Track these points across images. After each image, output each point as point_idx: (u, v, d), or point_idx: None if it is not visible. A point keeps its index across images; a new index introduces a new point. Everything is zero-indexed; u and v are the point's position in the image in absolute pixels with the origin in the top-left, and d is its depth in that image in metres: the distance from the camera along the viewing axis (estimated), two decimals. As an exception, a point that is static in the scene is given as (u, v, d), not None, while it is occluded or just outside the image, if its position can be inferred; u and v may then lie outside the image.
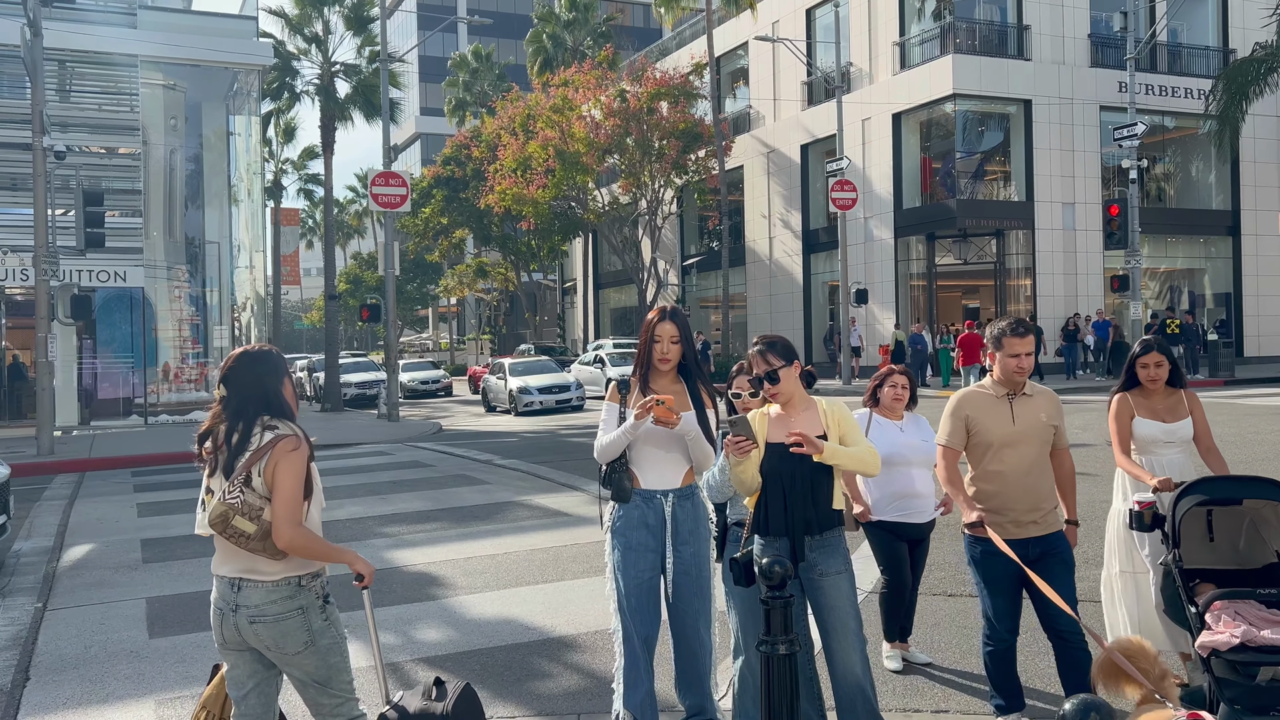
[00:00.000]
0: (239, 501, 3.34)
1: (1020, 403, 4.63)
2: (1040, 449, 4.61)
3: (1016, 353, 4.55)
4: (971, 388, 4.73)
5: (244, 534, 3.33)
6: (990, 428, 4.59)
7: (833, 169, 29.90)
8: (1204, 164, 35.08)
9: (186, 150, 29.88)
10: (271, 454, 3.41)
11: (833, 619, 4.07)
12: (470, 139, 46.17)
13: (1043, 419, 4.61)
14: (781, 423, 4.15)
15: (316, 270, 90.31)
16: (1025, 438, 4.57)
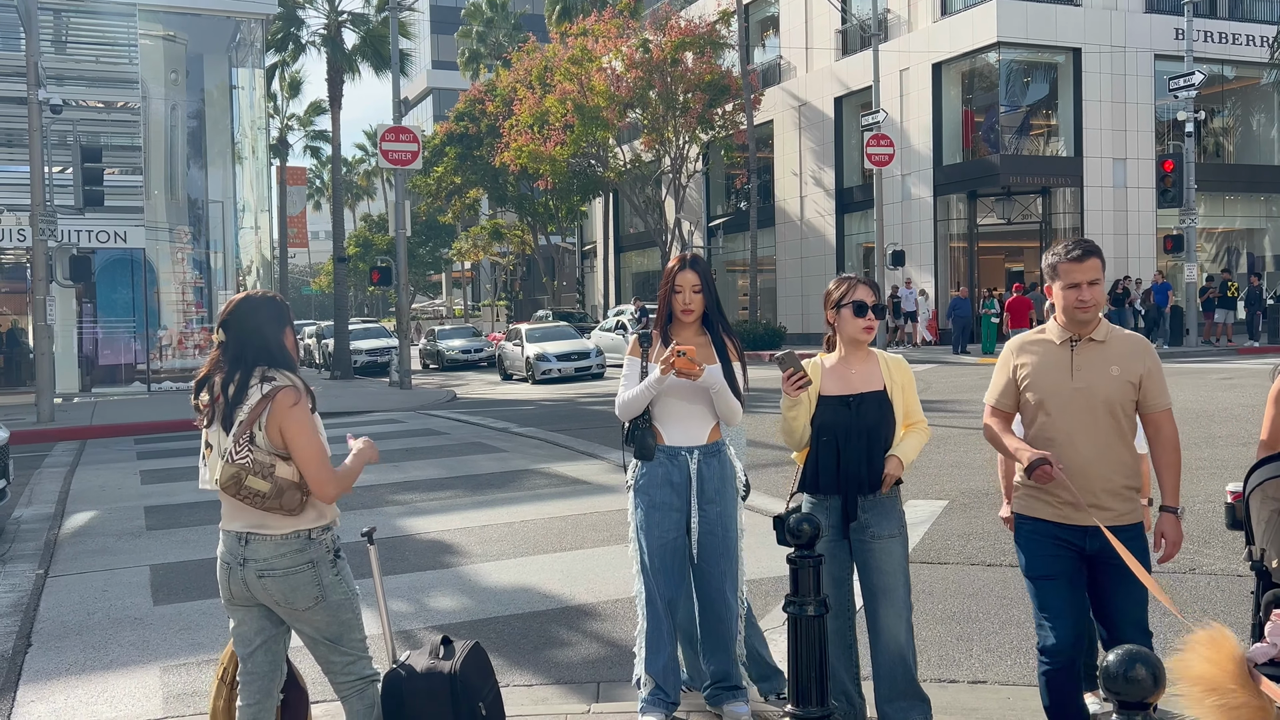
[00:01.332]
0: (249, 461, 3.37)
1: (1086, 351, 3.77)
2: (1108, 413, 3.72)
3: (1076, 281, 3.71)
4: (1031, 332, 3.95)
5: (259, 493, 3.37)
6: (1040, 382, 3.80)
7: (868, 123, 29.64)
8: (1266, 117, 34.54)
9: (188, 105, 29.94)
10: (272, 410, 3.42)
11: (882, 583, 4.07)
12: (484, 93, 46.04)
13: (1114, 373, 3.72)
14: (836, 373, 4.14)
15: (324, 233, 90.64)
16: (1086, 397, 3.72)
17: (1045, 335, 3.88)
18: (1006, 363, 3.92)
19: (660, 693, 4.37)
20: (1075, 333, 3.80)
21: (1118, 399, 3.73)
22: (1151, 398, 3.76)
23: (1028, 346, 3.89)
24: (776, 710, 4.46)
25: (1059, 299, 3.78)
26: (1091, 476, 3.69)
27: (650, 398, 4.28)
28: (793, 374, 3.94)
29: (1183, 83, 25.77)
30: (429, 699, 3.41)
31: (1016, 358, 3.89)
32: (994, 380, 3.96)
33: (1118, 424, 3.74)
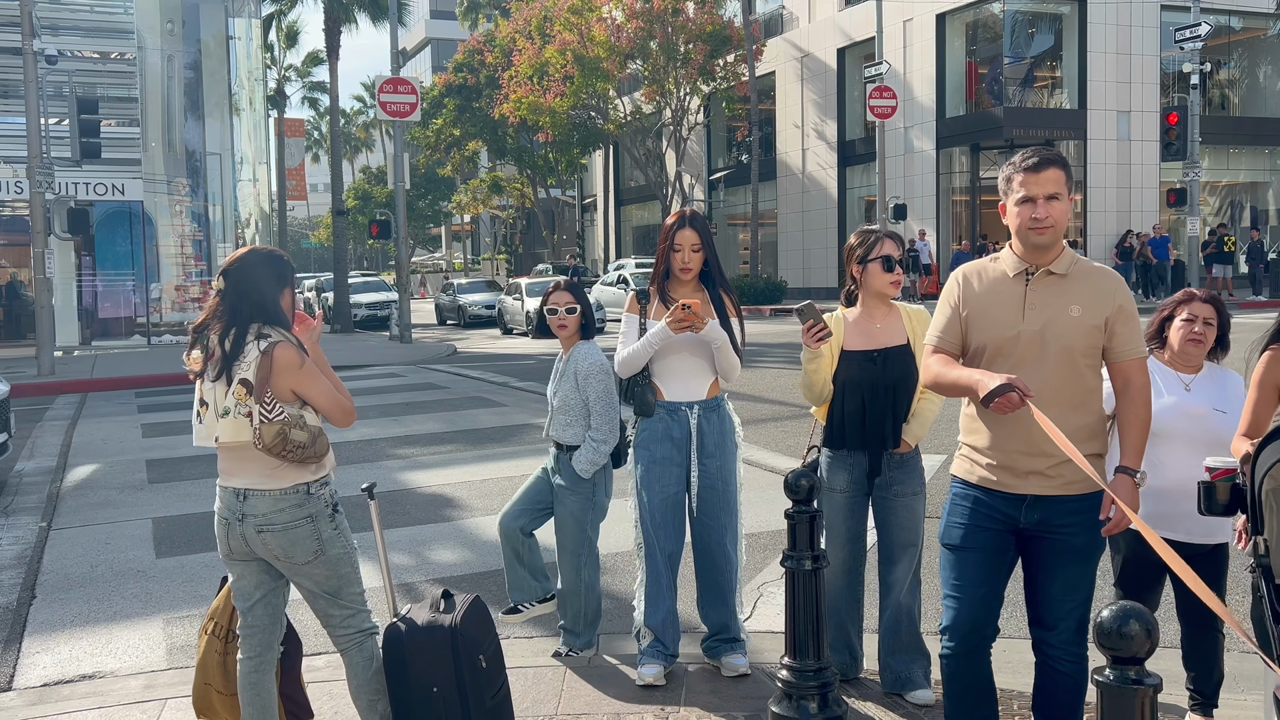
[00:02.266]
0: (288, 415, 3.41)
1: (1042, 286, 3.18)
2: (1065, 361, 3.15)
3: (1031, 195, 3.11)
4: (983, 260, 3.36)
5: (300, 445, 3.41)
6: (986, 320, 3.22)
7: (871, 74, 29.37)
8: (1273, 68, 34.22)
9: (184, 56, 29.69)
10: (276, 369, 3.42)
11: (901, 539, 4.12)
12: (484, 44, 45.61)
13: (1074, 313, 3.13)
14: (860, 328, 4.12)
15: (323, 185, 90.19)
16: (1039, 341, 3.15)
17: (998, 264, 3.30)
18: (951, 294, 3.32)
19: (659, 644, 4.42)
20: (1031, 262, 3.19)
21: (1078, 345, 3.14)
22: (1121, 343, 3.18)
23: (976, 276, 3.30)
24: (775, 664, 4.51)
25: (1012, 219, 3.18)
26: (1041, 438, 3.04)
27: (651, 354, 4.28)
28: (812, 325, 3.91)
29: (1189, 34, 25.49)
30: (430, 652, 3.44)
31: (962, 289, 3.30)
32: (935, 316, 3.38)
33: (1077, 375, 3.16)
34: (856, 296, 4.19)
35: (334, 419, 3.54)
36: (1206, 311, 3.95)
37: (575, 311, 4.63)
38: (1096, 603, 3.15)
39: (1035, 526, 3.18)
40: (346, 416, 3.57)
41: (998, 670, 3.49)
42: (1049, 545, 3.19)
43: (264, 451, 3.40)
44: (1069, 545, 3.17)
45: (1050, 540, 3.18)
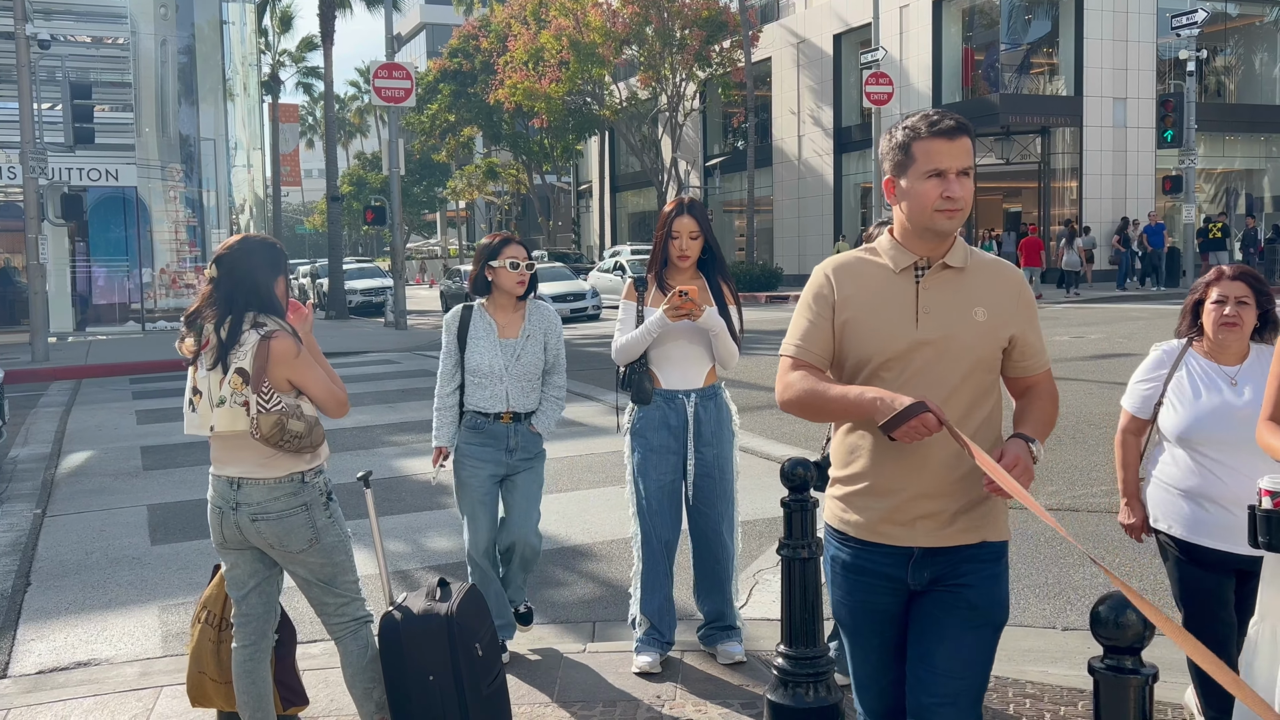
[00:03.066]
0: (284, 405, 3.39)
1: (938, 283, 2.56)
2: (971, 378, 2.55)
3: (941, 168, 2.46)
4: (852, 252, 2.72)
5: (298, 434, 3.40)
6: (870, 328, 2.56)
7: (868, 60, 29.30)
8: (1269, 55, 34.18)
9: (178, 41, 29.52)
10: (273, 359, 3.40)
11: None
12: (479, 29, 45.43)
13: (978, 317, 2.54)
14: None
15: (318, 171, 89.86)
16: (939, 354, 2.52)
17: (876, 258, 2.62)
18: (818, 295, 2.61)
19: (655, 633, 4.42)
20: (923, 254, 2.56)
21: (985, 356, 2.55)
22: (1027, 355, 2.61)
23: (849, 273, 2.62)
24: (770, 651, 4.51)
25: (914, 198, 2.50)
26: (938, 472, 2.50)
27: (649, 342, 4.27)
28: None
29: (1185, 20, 25.46)
30: (426, 640, 3.44)
31: (835, 288, 2.59)
32: (795, 320, 2.66)
33: (983, 392, 2.57)
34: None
35: (328, 409, 3.52)
36: (1239, 290, 3.43)
37: (533, 268, 4.47)
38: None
39: (927, 586, 2.55)
40: (340, 407, 3.55)
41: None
42: (943, 606, 2.54)
43: (261, 441, 3.39)
44: (968, 605, 2.51)
45: (944, 600, 2.54)
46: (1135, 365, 3.76)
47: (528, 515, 4.54)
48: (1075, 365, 13.15)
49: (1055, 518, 7.19)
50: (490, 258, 4.42)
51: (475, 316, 4.48)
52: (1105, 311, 21.42)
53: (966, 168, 2.48)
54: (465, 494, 4.53)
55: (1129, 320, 19.13)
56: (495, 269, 4.40)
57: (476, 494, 4.50)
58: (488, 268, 4.43)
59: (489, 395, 4.43)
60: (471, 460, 4.49)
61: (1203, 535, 3.40)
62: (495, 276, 4.42)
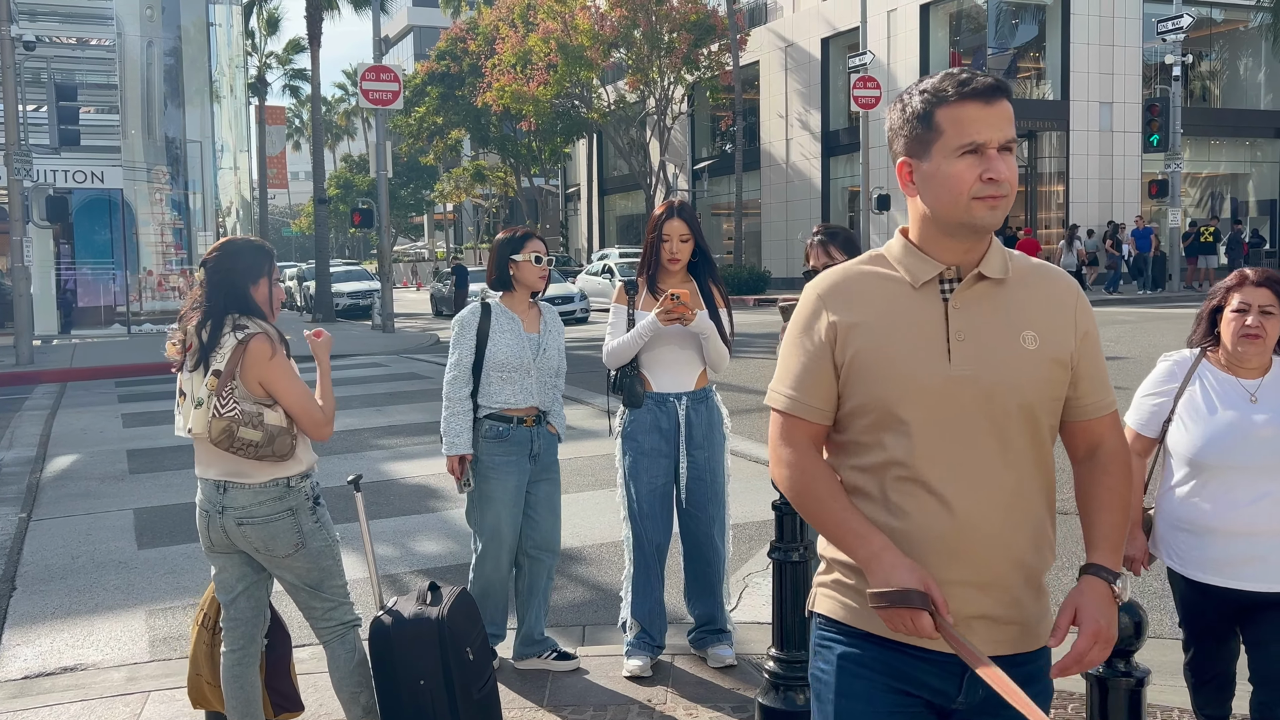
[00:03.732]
0: (238, 413, 3.34)
1: (971, 302, 1.95)
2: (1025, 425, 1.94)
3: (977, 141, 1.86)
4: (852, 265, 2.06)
5: (251, 443, 3.35)
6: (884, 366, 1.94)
7: (855, 64, 29.39)
8: (1253, 61, 34.39)
9: (164, 43, 29.42)
10: (247, 361, 3.37)
11: None
12: (466, 31, 45.43)
13: (1028, 345, 1.93)
14: None
15: (304, 174, 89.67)
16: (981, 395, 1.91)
17: (885, 270, 2.00)
18: (812, 323, 1.99)
19: (646, 636, 4.41)
20: (953, 261, 1.94)
21: (1040, 399, 1.94)
22: (1088, 390, 2.00)
23: (852, 291, 1.99)
24: (761, 655, 4.51)
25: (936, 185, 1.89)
26: (990, 557, 1.91)
27: (640, 345, 4.27)
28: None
29: (1171, 25, 25.60)
30: (416, 644, 3.42)
31: (835, 315, 1.97)
32: (785, 359, 2.04)
33: (1040, 449, 1.97)
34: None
35: (304, 426, 3.45)
36: (1263, 298, 3.03)
37: (553, 262, 4.39)
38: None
39: (980, 706, 1.95)
40: (317, 428, 3.47)
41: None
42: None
43: (214, 446, 3.38)
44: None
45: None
46: (1127, 369, 3.72)
47: (555, 528, 4.49)
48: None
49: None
50: (513, 251, 4.30)
51: (496, 311, 4.34)
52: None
53: (1009, 140, 1.88)
54: (490, 508, 4.32)
55: (1116, 324, 19.20)
56: (518, 263, 4.29)
57: (505, 508, 4.31)
58: (510, 262, 4.31)
59: (516, 390, 4.28)
60: (498, 473, 4.31)
61: (1210, 571, 3.05)
62: (517, 271, 4.31)
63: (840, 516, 1.93)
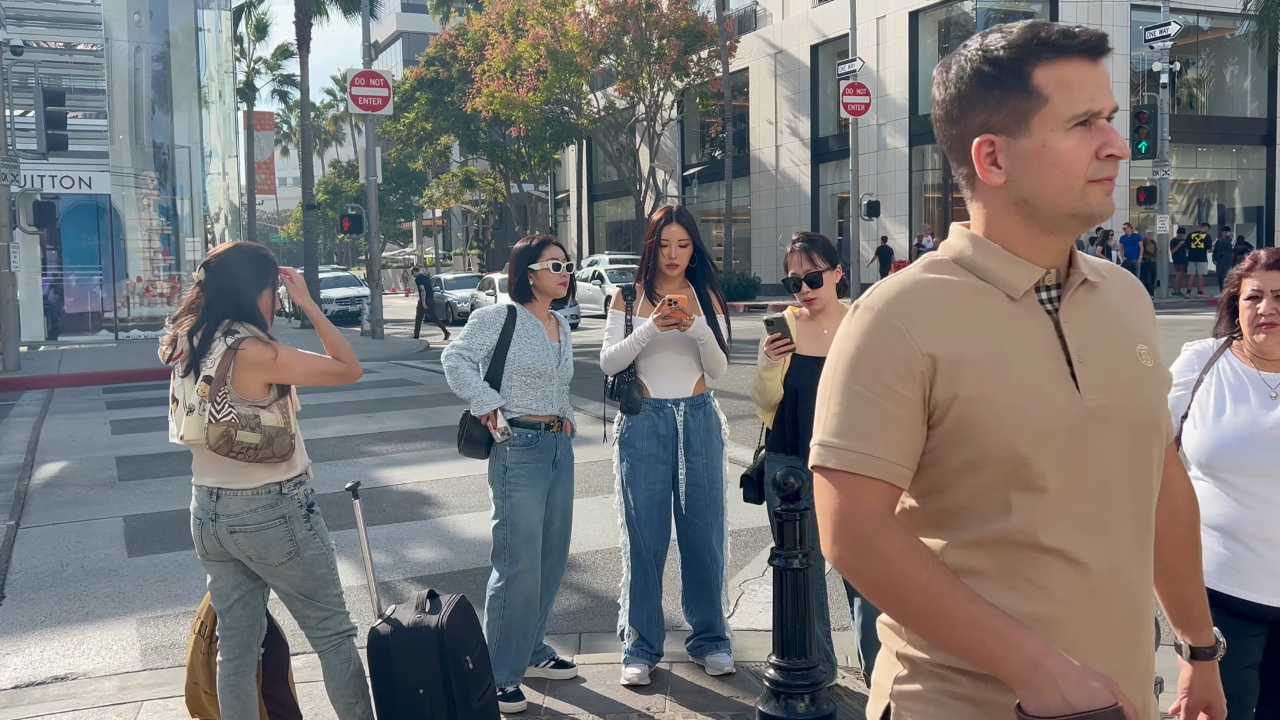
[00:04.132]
0: (234, 416, 3.31)
1: (1081, 309, 1.57)
2: (1155, 468, 1.59)
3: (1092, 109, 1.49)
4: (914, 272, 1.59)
5: (251, 446, 3.32)
6: (1006, 409, 1.47)
7: (845, 71, 29.44)
8: (1239, 68, 34.57)
9: (152, 48, 29.34)
10: (237, 367, 3.34)
11: None
12: (456, 37, 45.38)
13: (1145, 361, 1.59)
14: (811, 331, 4.05)
15: (292, 179, 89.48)
16: (1115, 432, 1.52)
17: (964, 278, 1.56)
18: (886, 359, 1.50)
19: (644, 644, 4.39)
20: (1051, 263, 1.56)
21: (1168, 427, 1.64)
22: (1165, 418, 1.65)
23: (942, 308, 1.53)
24: (759, 662, 4.49)
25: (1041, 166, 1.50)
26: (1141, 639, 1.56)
27: (638, 351, 4.25)
28: (778, 338, 3.91)
29: (1159, 33, 25.71)
30: (415, 653, 3.39)
31: (924, 342, 1.50)
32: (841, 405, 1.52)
33: (1157, 488, 1.61)
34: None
35: (332, 382, 3.50)
36: (1275, 281, 2.73)
37: (573, 267, 4.33)
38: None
39: None
40: (343, 376, 3.50)
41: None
42: None
43: (212, 451, 3.34)
44: None
45: None
46: None
47: (568, 537, 4.46)
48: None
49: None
50: (530, 261, 4.21)
51: (522, 316, 4.22)
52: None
53: (1115, 108, 1.53)
54: (523, 516, 4.15)
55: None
56: (536, 272, 4.20)
57: (535, 517, 4.20)
58: (529, 271, 4.21)
59: (539, 396, 4.20)
60: (530, 479, 4.18)
61: (1234, 583, 2.76)
62: (537, 280, 4.21)
63: (968, 611, 1.40)
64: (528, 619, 4.19)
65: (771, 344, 3.88)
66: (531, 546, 4.17)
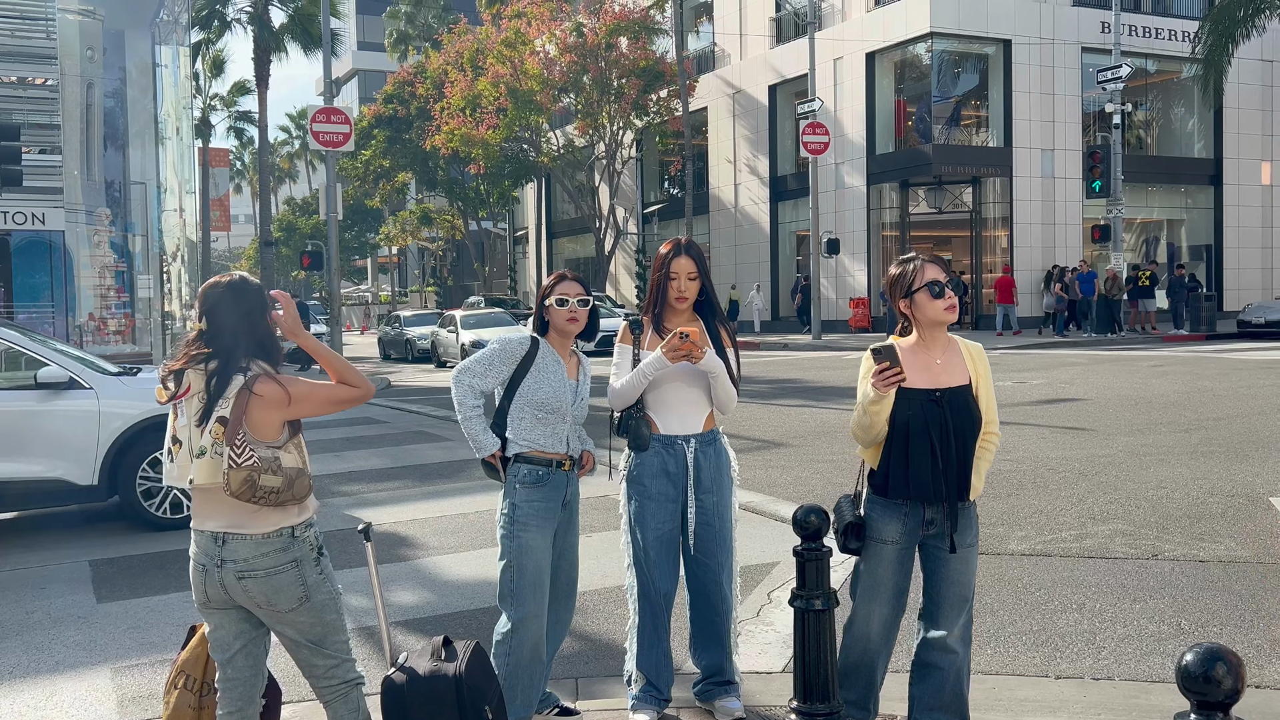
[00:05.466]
0: (256, 460, 3.16)
1: None
2: None
3: None
4: None
5: (273, 490, 3.17)
6: None
7: (804, 111, 29.75)
8: (1186, 110, 35.40)
9: (107, 84, 28.94)
10: (259, 407, 3.22)
11: (959, 594, 3.70)
12: (414, 75, 45.34)
13: None
14: (919, 362, 3.65)
15: (245, 217, 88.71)
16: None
17: None
18: None
19: (652, 689, 4.25)
20: None
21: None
22: None
23: None
24: (782, 706, 4.36)
25: None
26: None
27: (645, 384, 4.13)
28: (887, 368, 3.50)
29: (1110, 75, 26.25)
30: (433, 703, 3.23)
31: None
32: None
33: None
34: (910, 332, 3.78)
35: (350, 407, 3.43)
36: None
37: (588, 304, 4.14)
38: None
39: None
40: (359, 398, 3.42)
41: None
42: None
43: (233, 497, 3.20)
44: None
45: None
46: (1082, 410, 3.59)
47: (576, 581, 4.27)
48: (1025, 410, 13.27)
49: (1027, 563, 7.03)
50: (545, 296, 4.14)
51: (543, 350, 4.10)
52: (1041, 358, 21.77)
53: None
54: (530, 559, 3.99)
55: (1066, 366, 19.46)
56: (548, 307, 4.11)
57: (543, 559, 4.03)
58: (544, 308, 4.14)
59: (549, 433, 4.04)
60: (538, 520, 4.02)
61: None
62: (550, 316, 4.11)
63: None
64: (534, 666, 4.02)
65: (879, 375, 3.50)
66: (538, 591, 4.01)
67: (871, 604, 3.75)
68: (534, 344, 4.09)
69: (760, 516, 8.18)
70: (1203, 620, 5.54)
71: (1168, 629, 5.44)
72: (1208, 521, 7.49)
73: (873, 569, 3.72)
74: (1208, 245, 35.32)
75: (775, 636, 5.53)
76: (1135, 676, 4.87)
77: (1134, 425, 11.56)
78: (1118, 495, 8.41)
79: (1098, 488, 8.71)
